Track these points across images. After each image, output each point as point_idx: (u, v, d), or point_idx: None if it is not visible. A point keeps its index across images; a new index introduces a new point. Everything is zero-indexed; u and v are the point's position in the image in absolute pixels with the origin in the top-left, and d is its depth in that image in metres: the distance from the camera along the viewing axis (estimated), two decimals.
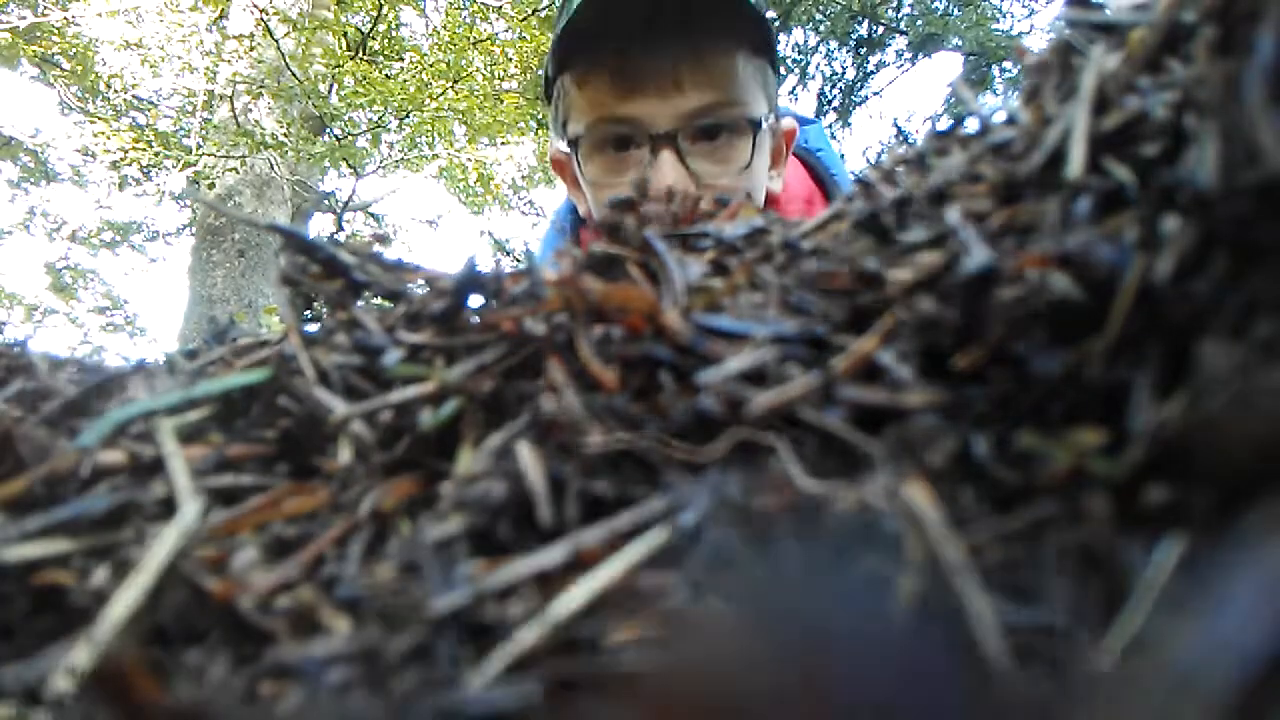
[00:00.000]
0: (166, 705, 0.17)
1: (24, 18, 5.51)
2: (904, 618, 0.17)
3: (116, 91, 6.22)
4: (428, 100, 5.09)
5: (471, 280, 0.33)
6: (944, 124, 0.38)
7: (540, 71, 6.05)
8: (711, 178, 0.88)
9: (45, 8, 5.58)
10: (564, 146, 0.97)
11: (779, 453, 0.23)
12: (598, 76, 0.89)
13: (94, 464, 0.28)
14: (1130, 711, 0.15)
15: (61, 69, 6.09)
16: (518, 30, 5.86)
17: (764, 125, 0.90)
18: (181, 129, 6.10)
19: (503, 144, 6.37)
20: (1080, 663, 0.18)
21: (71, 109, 6.38)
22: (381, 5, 5.52)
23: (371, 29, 5.63)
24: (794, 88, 6.95)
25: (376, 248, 0.38)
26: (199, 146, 5.22)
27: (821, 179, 1.10)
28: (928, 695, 0.14)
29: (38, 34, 5.56)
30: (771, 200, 0.99)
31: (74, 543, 0.25)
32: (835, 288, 0.30)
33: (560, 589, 0.20)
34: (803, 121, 1.14)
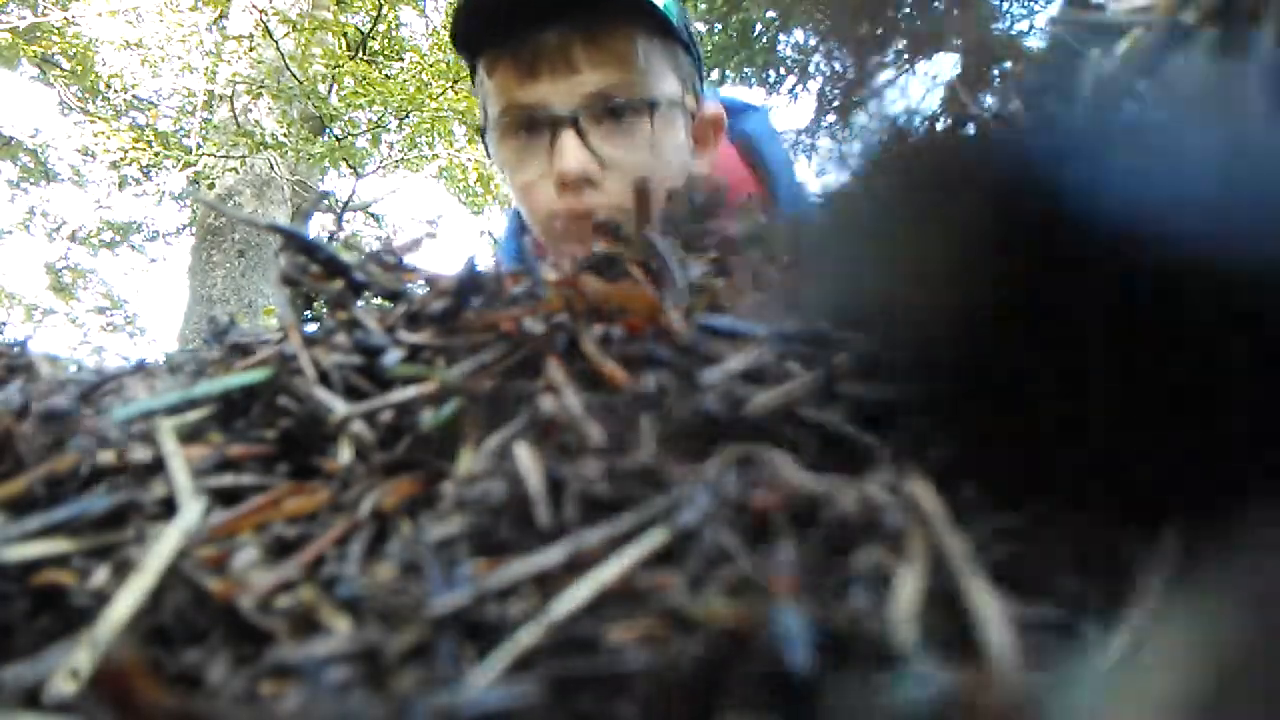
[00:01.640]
0: (167, 706, 0.17)
1: (24, 18, 5.51)
2: None
3: (116, 91, 6.22)
4: (428, 100, 5.09)
5: (471, 280, 0.33)
6: (943, 124, 0.38)
7: None
8: (616, 158, 0.88)
9: (45, 8, 5.58)
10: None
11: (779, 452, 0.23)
12: (502, 63, 0.90)
13: (93, 464, 0.28)
14: (1130, 711, 0.15)
15: (61, 69, 6.09)
16: None
17: (664, 105, 0.90)
18: (181, 129, 6.10)
19: None
20: (1081, 661, 0.18)
21: (71, 109, 6.38)
22: (381, 5, 5.52)
23: (371, 29, 5.64)
24: (794, 87, 6.95)
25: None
26: (199, 146, 5.22)
27: (754, 165, 1.11)
28: None
29: (38, 34, 5.57)
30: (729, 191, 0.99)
31: (74, 543, 0.25)
32: None
33: (560, 589, 0.20)
34: (744, 108, 1.15)
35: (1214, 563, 0.17)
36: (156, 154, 4.94)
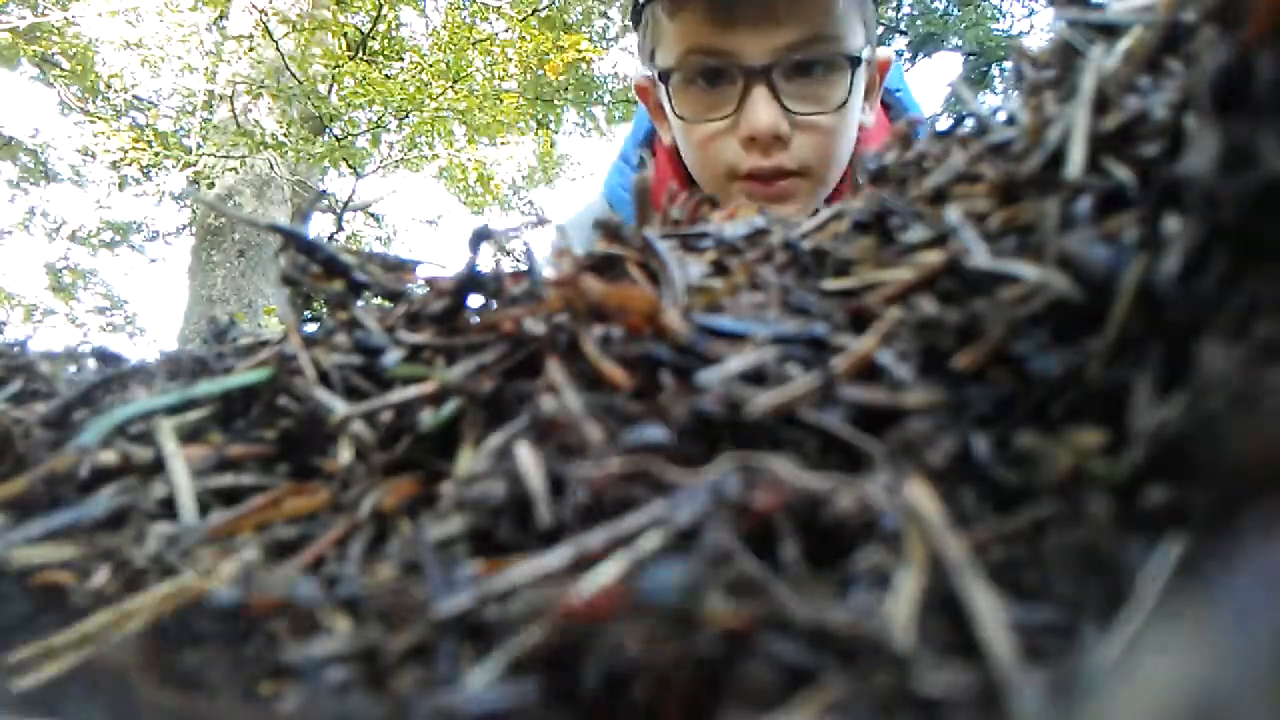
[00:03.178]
0: (167, 705, 0.17)
1: (24, 18, 5.51)
2: None
3: (116, 91, 6.22)
4: (428, 100, 5.09)
5: (471, 280, 0.33)
6: (944, 124, 0.38)
7: (540, 72, 6.05)
8: (807, 117, 0.85)
9: (45, 8, 5.58)
10: (649, 73, 0.93)
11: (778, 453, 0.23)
12: (690, 6, 0.85)
13: (93, 464, 0.28)
14: (1130, 712, 0.15)
15: (61, 69, 6.09)
16: (518, 30, 5.86)
17: (863, 61, 0.86)
18: (181, 129, 6.10)
19: (503, 144, 6.37)
20: (1082, 661, 0.18)
21: (71, 109, 6.38)
22: (381, 5, 5.51)
23: (371, 29, 5.63)
24: None
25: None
26: (199, 146, 5.22)
27: (887, 104, 1.07)
28: None
29: (38, 34, 5.56)
30: (862, 133, 0.96)
31: (74, 546, 0.25)
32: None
33: (561, 590, 0.20)
34: (883, 43, 1.12)
35: (1215, 564, 0.17)
36: (156, 154, 4.93)
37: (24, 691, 0.20)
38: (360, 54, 5.51)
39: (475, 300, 0.33)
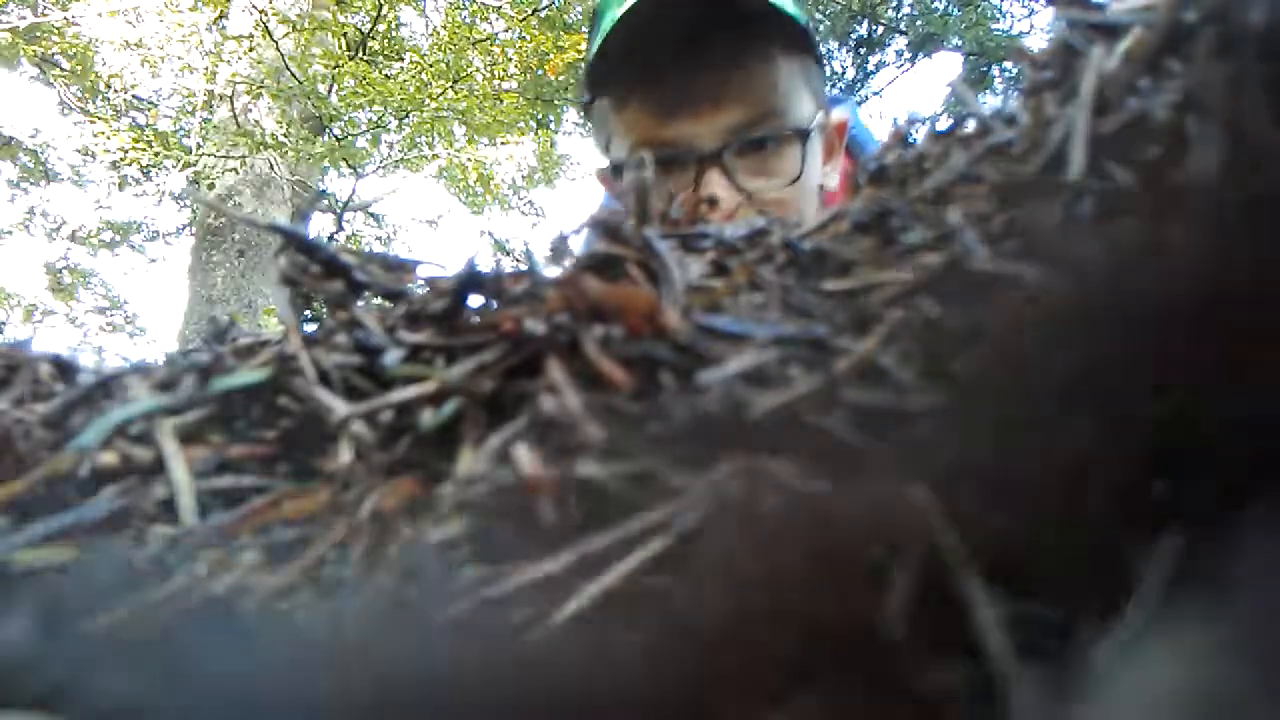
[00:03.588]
0: None
1: (24, 18, 5.51)
2: None
3: (116, 91, 6.22)
4: (428, 100, 5.09)
5: (471, 280, 0.33)
6: (944, 124, 0.38)
7: (540, 72, 6.05)
8: (762, 191, 0.85)
9: (45, 8, 5.58)
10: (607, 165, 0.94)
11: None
12: (634, 101, 0.85)
13: (93, 465, 0.28)
14: (1130, 712, 0.15)
15: (61, 69, 6.09)
16: (518, 30, 5.86)
17: (812, 131, 0.87)
18: (181, 129, 6.10)
19: (503, 144, 6.37)
20: (1080, 660, 0.18)
21: (71, 109, 6.38)
22: (381, 5, 5.51)
23: (371, 29, 5.63)
24: None
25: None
26: (199, 146, 5.22)
27: (855, 157, 1.07)
28: None
29: (38, 34, 5.56)
30: (827, 195, 0.96)
31: (75, 549, 0.25)
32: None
33: (561, 591, 0.20)
34: (833, 100, 1.10)
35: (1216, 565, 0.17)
36: (156, 154, 4.93)
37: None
38: (360, 54, 5.51)
39: (475, 300, 0.33)
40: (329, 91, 5.01)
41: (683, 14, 0.79)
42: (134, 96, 6.53)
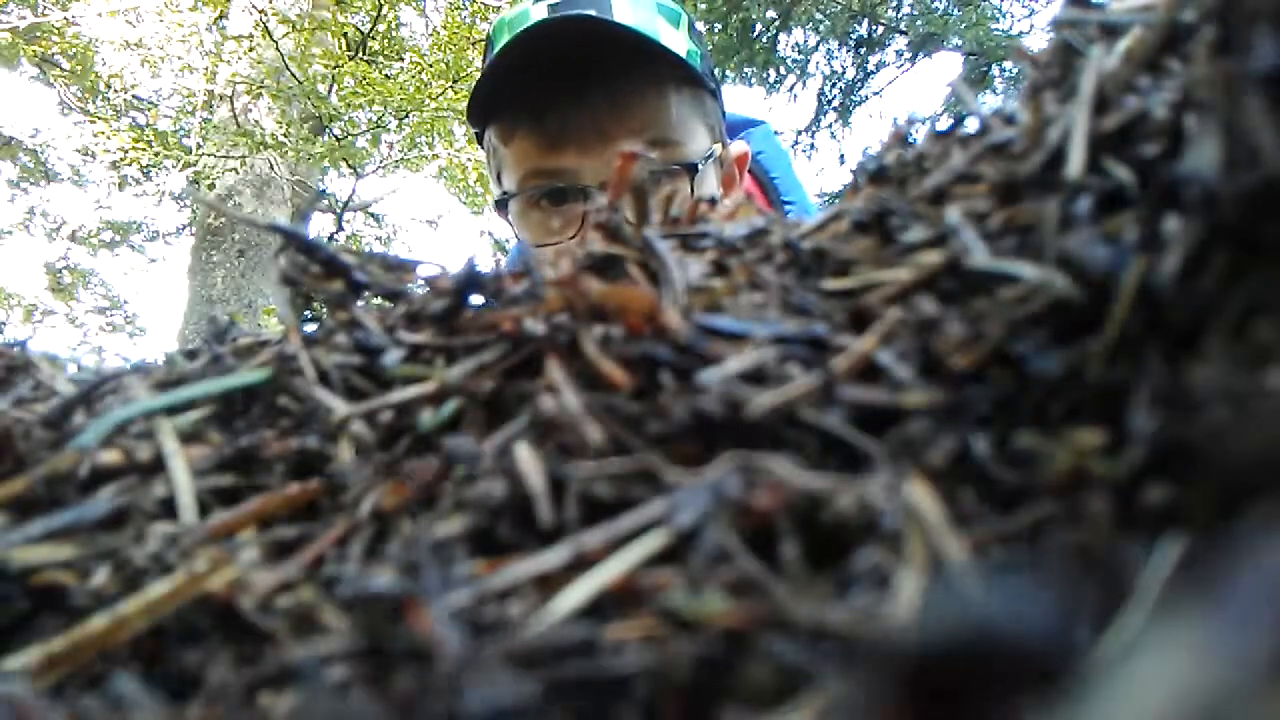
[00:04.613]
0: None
1: (24, 18, 5.51)
2: None
3: (116, 91, 6.23)
4: (428, 100, 5.09)
5: (471, 280, 0.33)
6: (944, 124, 0.38)
7: None
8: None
9: (45, 8, 5.59)
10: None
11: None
12: (520, 132, 0.85)
13: (93, 464, 0.28)
14: (1130, 712, 0.15)
15: (61, 69, 6.09)
16: None
17: (701, 165, 0.86)
18: (181, 129, 6.11)
19: None
20: (1081, 663, 0.18)
21: (71, 109, 6.38)
22: (381, 5, 5.52)
23: (371, 29, 5.63)
24: (793, 87, 6.95)
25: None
26: (199, 146, 5.23)
27: (759, 180, 1.07)
28: None
29: (38, 34, 5.57)
30: None
31: (74, 546, 0.25)
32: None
33: (560, 589, 0.20)
34: (745, 124, 1.11)
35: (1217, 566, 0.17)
36: (156, 154, 4.94)
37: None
38: (360, 54, 5.51)
39: (475, 300, 0.33)
40: (329, 91, 5.01)
41: (569, 47, 0.79)
42: (134, 96, 6.54)
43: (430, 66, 5.33)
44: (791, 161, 1.13)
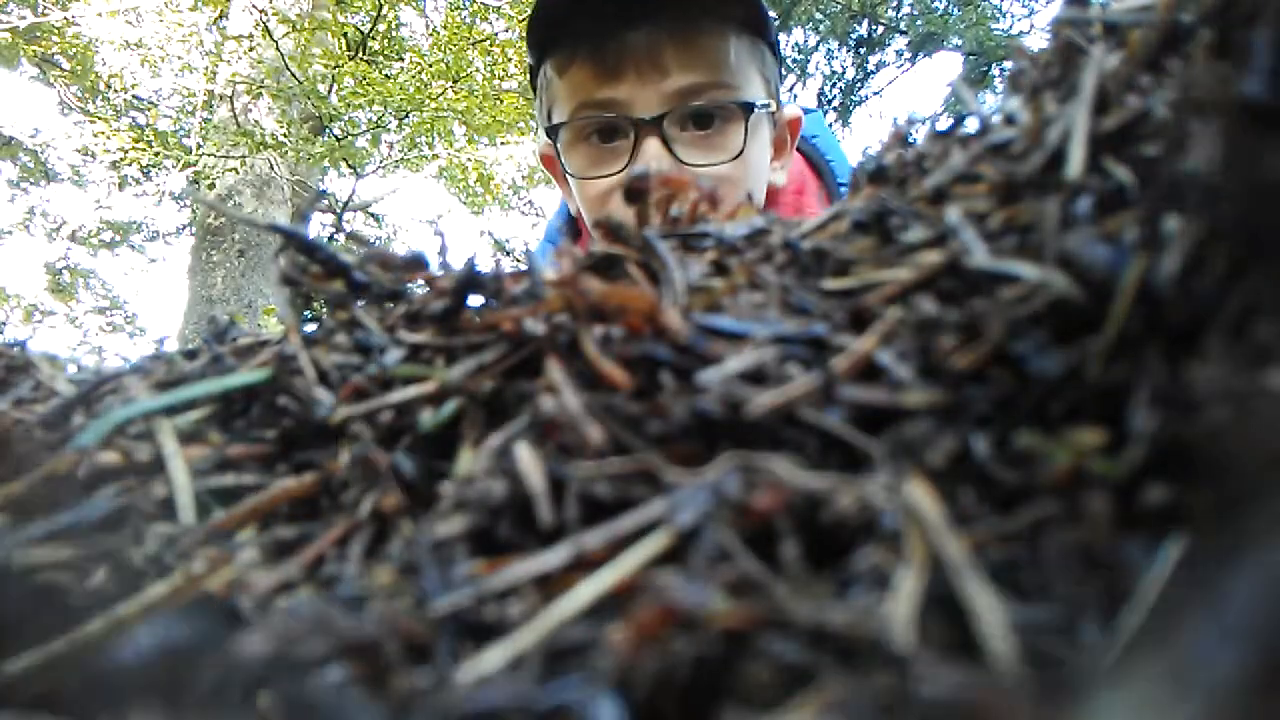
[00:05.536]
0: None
1: (24, 18, 5.51)
2: None
3: (116, 91, 6.23)
4: (428, 100, 5.09)
5: (471, 280, 0.33)
6: (944, 124, 0.38)
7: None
8: (702, 168, 0.82)
9: (45, 8, 5.58)
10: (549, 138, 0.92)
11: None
12: (578, 61, 0.84)
13: (93, 464, 0.28)
14: (1130, 712, 0.15)
15: (61, 69, 6.09)
16: (518, 30, 5.86)
17: (758, 110, 0.85)
18: (181, 129, 6.11)
19: (503, 144, 6.37)
20: (1082, 662, 0.18)
21: (71, 109, 6.38)
22: (381, 5, 5.51)
23: (371, 29, 5.63)
24: (793, 87, 6.95)
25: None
26: (199, 146, 5.23)
27: (816, 165, 1.07)
28: None
29: (38, 34, 5.57)
30: (771, 193, 0.95)
31: (74, 547, 0.25)
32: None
33: (561, 590, 0.20)
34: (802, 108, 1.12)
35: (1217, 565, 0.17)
36: (156, 154, 4.94)
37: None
38: (360, 54, 5.50)
39: (475, 300, 0.33)
40: (329, 91, 5.01)
41: None
42: (134, 96, 6.54)
43: (430, 66, 5.33)
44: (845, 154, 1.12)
